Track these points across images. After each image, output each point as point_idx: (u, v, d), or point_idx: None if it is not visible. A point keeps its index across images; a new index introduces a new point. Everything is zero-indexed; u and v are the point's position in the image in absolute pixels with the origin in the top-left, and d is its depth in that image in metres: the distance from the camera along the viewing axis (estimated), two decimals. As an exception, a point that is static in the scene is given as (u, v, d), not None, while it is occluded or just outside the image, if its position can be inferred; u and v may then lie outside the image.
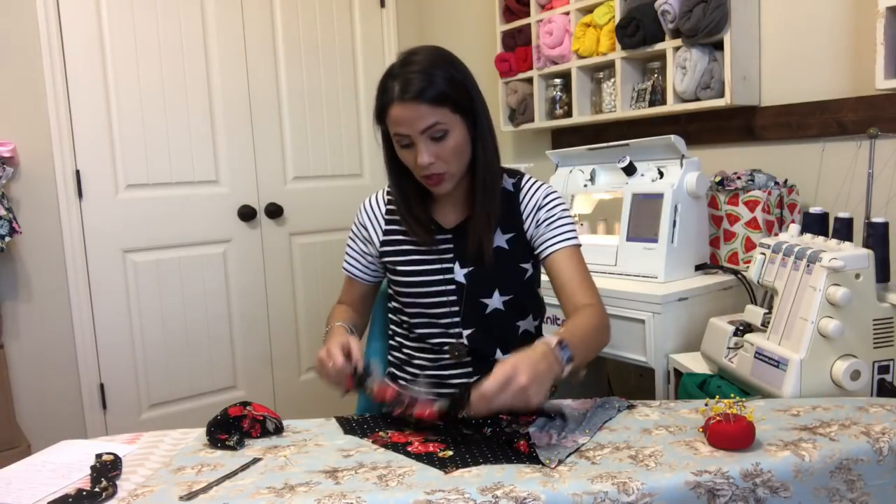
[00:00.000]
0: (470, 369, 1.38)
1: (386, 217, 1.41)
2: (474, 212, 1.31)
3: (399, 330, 1.46)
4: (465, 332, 1.36)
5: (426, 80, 1.17)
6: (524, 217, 1.35)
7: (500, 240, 1.35)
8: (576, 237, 1.35)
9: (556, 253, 1.32)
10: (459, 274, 1.35)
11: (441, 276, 1.35)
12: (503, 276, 1.36)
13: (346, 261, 1.47)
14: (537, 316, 1.46)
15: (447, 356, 1.37)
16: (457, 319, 1.36)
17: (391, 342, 1.50)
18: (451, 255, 1.35)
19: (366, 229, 1.43)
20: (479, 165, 1.28)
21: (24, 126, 2.29)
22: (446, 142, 1.21)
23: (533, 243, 1.36)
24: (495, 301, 1.36)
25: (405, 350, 1.45)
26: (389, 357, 1.51)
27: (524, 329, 1.41)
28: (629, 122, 2.33)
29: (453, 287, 1.35)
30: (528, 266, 1.38)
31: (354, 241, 1.46)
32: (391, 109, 1.20)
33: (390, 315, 1.50)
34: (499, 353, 1.38)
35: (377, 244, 1.41)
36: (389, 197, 1.41)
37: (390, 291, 1.45)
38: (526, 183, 1.38)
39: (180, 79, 2.58)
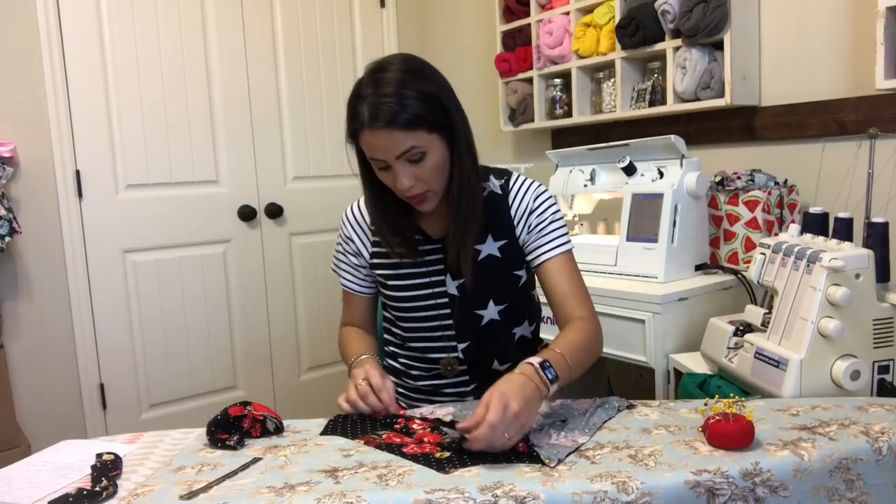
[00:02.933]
0: (467, 377, 1.36)
1: (371, 228, 1.34)
2: (449, 230, 1.24)
3: (394, 339, 1.44)
4: (461, 346, 1.34)
5: (397, 103, 1.09)
6: (515, 222, 1.30)
7: (493, 248, 1.30)
8: (568, 241, 1.30)
9: (548, 262, 1.28)
10: (452, 286, 1.31)
11: (433, 290, 1.32)
12: (497, 285, 1.32)
13: (343, 277, 1.41)
14: (533, 320, 1.43)
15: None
16: (451, 333, 1.33)
17: (386, 349, 1.47)
18: (441, 267, 1.30)
19: (353, 242, 1.37)
20: (455, 186, 1.20)
21: (24, 126, 2.29)
22: (425, 163, 1.14)
23: (524, 249, 1.32)
24: (490, 312, 1.33)
25: (400, 360, 1.43)
26: (384, 363, 1.48)
27: (520, 335, 1.39)
28: (629, 122, 2.33)
29: (446, 300, 1.32)
30: (521, 273, 1.34)
31: (345, 255, 1.40)
32: (362, 135, 1.13)
33: (385, 324, 1.46)
34: (495, 363, 1.36)
35: (367, 256, 1.36)
36: None
37: (383, 301, 1.42)
38: (514, 184, 1.32)
39: (180, 79, 2.58)
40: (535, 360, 1.05)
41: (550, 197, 1.32)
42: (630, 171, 1.89)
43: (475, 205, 1.23)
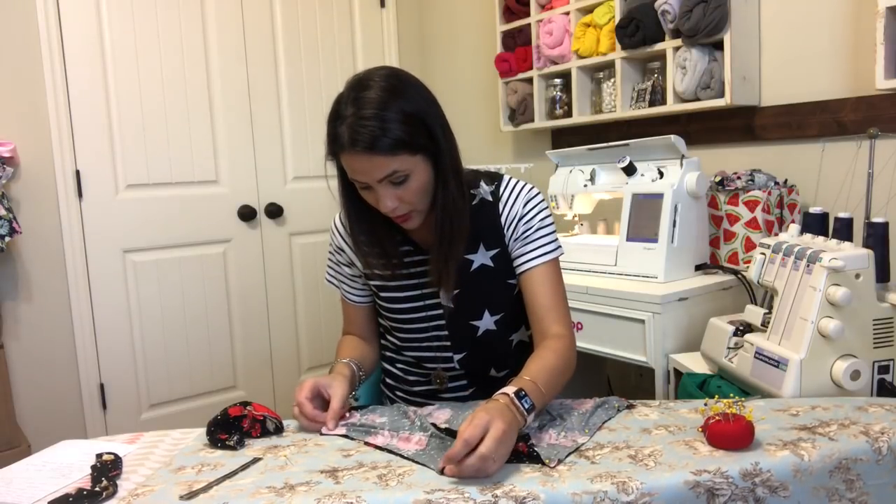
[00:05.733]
0: (465, 382, 1.35)
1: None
2: (433, 249, 1.21)
3: (389, 346, 1.42)
4: (457, 357, 1.32)
5: (378, 126, 1.04)
6: (505, 230, 1.26)
7: (485, 257, 1.26)
8: (553, 249, 1.26)
9: (531, 271, 1.24)
10: (445, 297, 1.28)
11: (425, 301, 1.29)
12: (491, 295, 1.29)
13: (339, 288, 1.39)
14: (530, 324, 1.40)
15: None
16: (446, 343, 1.31)
17: (384, 353, 1.45)
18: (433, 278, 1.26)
19: (344, 252, 1.34)
20: (439, 207, 1.17)
21: (24, 126, 2.29)
22: (409, 184, 1.11)
23: (511, 255, 1.28)
24: (486, 322, 1.30)
25: (398, 365, 1.41)
26: (383, 367, 1.46)
27: (518, 341, 1.36)
28: (629, 122, 2.33)
29: (440, 311, 1.29)
30: (515, 281, 1.29)
31: (338, 266, 1.37)
32: (343, 157, 1.10)
33: (381, 330, 1.44)
34: (493, 371, 1.35)
35: (360, 266, 1.33)
36: None
37: (378, 310, 1.39)
38: (505, 190, 1.27)
39: (180, 79, 2.58)
40: (510, 389, 1.02)
41: (542, 201, 1.28)
42: (630, 171, 1.89)
43: (459, 227, 1.19)
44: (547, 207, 1.29)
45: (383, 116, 1.05)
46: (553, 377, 1.12)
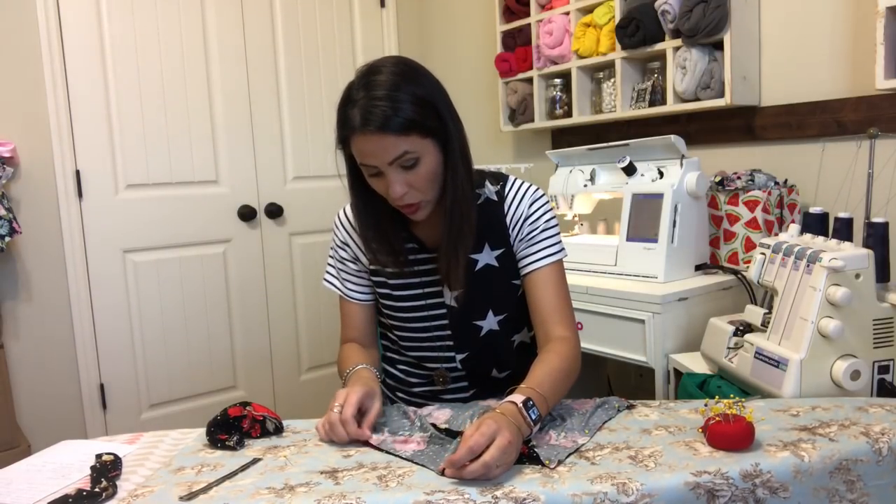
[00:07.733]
0: (465, 384, 1.35)
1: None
2: (442, 242, 1.20)
3: (391, 346, 1.41)
4: (459, 357, 1.31)
5: (390, 107, 1.05)
6: (510, 230, 1.26)
7: (490, 257, 1.26)
8: (558, 250, 1.26)
9: (535, 273, 1.24)
10: (449, 297, 1.28)
11: (429, 300, 1.28)
12: (496, 295, 1.28)
13: (342, 287, 1.35)
14: (532, 326, 1.39)
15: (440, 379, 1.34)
16: (449, 343, 1.31)
17: (384, 354, 1.44)
18: (438, 277, 1.26)
19: (349, 247, 1.33)
20: (448, 195, 1.16)
21: (24, 126, 2.29)
22: (418, 169, 1.10)
23: (516, 256, 1.28)
24: (490, 322, 1.29)
25: (399, 366, 1.40)
26: (384, 367, 1.45)
27: (519, 342, 1.36)
28: (629, 122, 2.33)
29: (444, 311, 1.29)
30: (519, 281, 1.29)
31: (343, 263, 1.34)
32: (354, 140, 1.09)
33: (381, 329, 1.43)
34: (494, 371, 1.35)
35: (365, 262, 1.32)
36: None
37: (379, 307, 1.37)
38: (510, 191, 1.27)
39: (180, 79, 2.58)
40: (519, 399, 1.01)
41: (547, 203, 1.28)
42: (630, 171, 1.89)
43: (468, 215, 1.18)
44: (552, 209, 1.29)
45: (395, 97, 1.06)
46: (558, 382, 1.12)
